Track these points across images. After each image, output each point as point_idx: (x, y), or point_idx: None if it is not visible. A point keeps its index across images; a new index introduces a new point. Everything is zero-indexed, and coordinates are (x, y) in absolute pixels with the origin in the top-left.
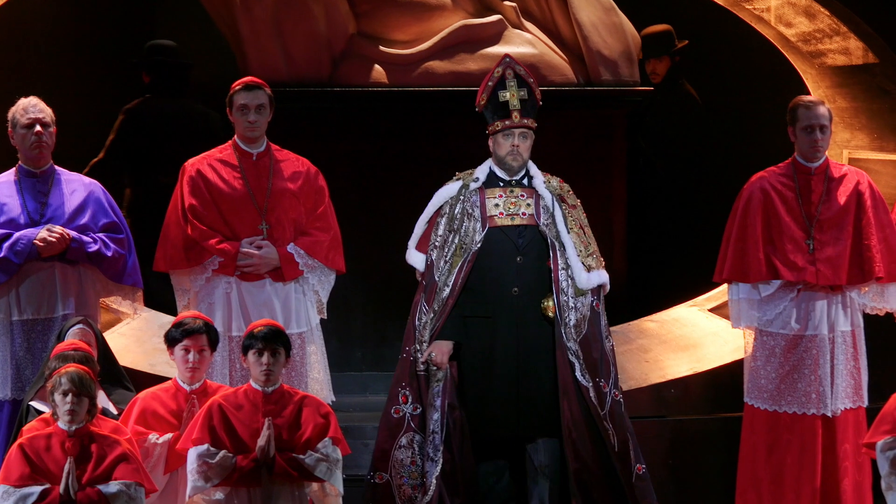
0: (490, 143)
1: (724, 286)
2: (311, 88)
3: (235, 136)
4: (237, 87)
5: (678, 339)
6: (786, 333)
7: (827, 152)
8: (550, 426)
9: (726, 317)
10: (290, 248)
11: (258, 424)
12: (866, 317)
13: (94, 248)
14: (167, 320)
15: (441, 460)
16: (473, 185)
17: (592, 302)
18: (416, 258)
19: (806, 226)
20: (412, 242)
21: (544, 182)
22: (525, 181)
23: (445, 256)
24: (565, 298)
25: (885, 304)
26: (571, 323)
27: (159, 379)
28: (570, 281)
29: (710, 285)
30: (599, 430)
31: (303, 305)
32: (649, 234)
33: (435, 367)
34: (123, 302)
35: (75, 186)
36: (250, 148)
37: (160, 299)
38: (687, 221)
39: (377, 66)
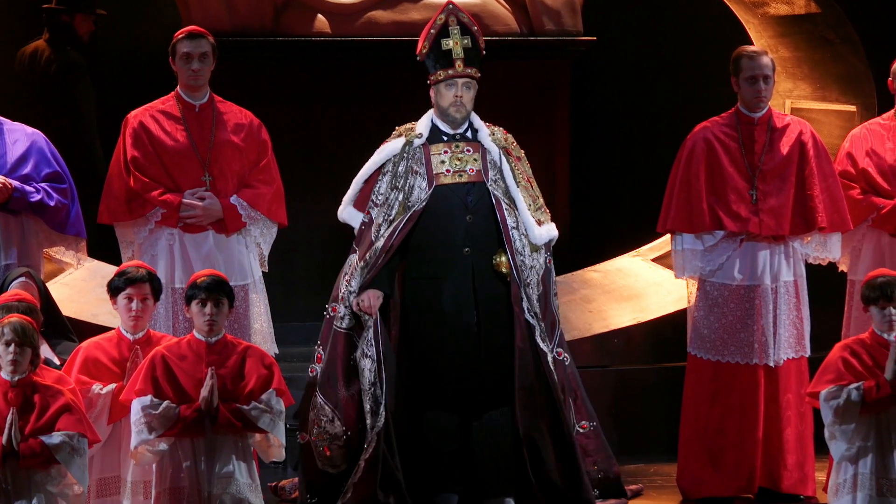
0: (432, 93)
1: (668, 236)
2: (253, 38)
3: (178, 87)
4: (180, 37)
5: (621, 290)
6: (729, 284)
7: (770, 102)
8: (507, 392)
9: (669, 267)
10: (233, 199)
11: (201, 374)
12: (809, 267)
13: (37, 197)
14: (110, 271)
15: (383, 415)
16: (417, 142)
17: (546, 258)
18: (352, 215)
19: (749, 176)
20: (348, 199)
21: (489, 135)
22: (469, 134)
23: (388, 215)
24: (521, 258)
25: (827, 253)
26: (533, 283)
27: (102, 329)
28: (523, 239)
29: (654, 235)
30: (555, 397)
31: (245, 258)
32: (592, 185)
33: (367, 316)
34: (66, 252)
35: (18, 136)
36: (193, 99)
37: (104, 249)
38: (630, 172)
39: (320, 16)
